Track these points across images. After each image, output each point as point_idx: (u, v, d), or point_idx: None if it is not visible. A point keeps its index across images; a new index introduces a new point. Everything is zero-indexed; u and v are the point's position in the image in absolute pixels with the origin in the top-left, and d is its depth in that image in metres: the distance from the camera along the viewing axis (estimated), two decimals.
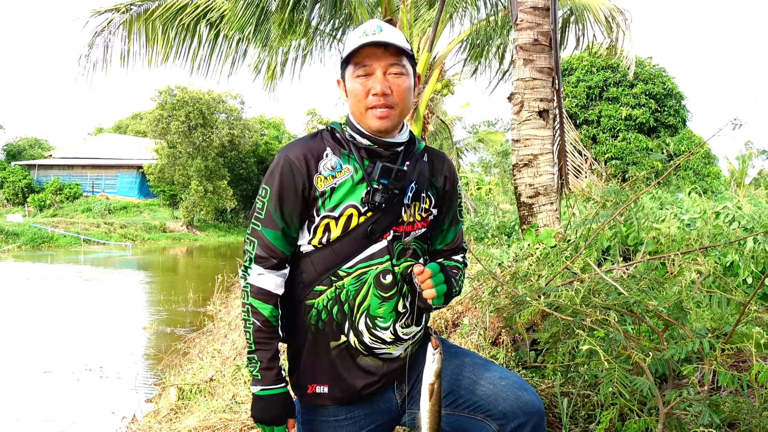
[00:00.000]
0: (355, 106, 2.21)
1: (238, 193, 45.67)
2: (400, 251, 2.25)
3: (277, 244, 2.20)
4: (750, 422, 2.62)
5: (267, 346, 2.21)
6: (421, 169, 2.32)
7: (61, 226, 35.64)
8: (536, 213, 6.13)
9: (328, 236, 2.18)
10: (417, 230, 2.31)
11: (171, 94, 40.76)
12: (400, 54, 2.18)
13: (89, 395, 7.38)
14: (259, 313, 2.20)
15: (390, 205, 2.20)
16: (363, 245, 2.20)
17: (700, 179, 29.02)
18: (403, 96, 2.19)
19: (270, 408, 2.21)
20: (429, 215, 2.35)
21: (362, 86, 2.17)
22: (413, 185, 2.26)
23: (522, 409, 2.18)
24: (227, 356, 7.19)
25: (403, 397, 2.35)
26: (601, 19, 11.44)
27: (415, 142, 2.38)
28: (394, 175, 2.19)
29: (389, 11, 10.29)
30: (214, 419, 4.28)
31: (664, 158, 27.20)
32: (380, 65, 2.16)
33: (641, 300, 2.70)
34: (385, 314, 2.20)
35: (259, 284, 2.20)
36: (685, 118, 30.78)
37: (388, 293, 2.20)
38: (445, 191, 2.42)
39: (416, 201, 2.29)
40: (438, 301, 2.18)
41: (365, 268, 2.19)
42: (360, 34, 2.15)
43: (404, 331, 2.26)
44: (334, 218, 2.18)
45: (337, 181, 2.18)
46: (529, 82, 6.17)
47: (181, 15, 10.98)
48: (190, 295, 13.93)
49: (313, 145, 2.23)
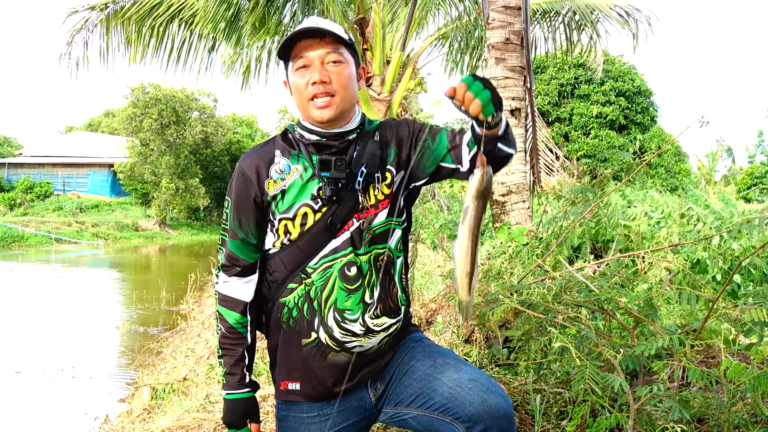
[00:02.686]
0: (298, 99, 2.22)
1: (211, 191, 45.40)
2: (364, 240, 2.24)
3: (238, 252, 2.26)
4: (719, 417, 2.66)
5: (231, 352, 2.29)
6: (372, 151, 2.27)
7: (31, 225, 35.20)
8: (509, 211, 6.16)
9: (289, 237, 2.22)
10: (380, 211, 2.28)
11: (144, 91, 40.46)
12: (337, 42, 2.18)
13: (61, 396, 7.31)
14: (225, 320, 2.29)
15: (342, 196, 2.20)
16: (325, 239, 2.21)
17: (671, 176, 29.32)
18: (343, 83, 2.18)
19: (230, 412, 2.28)
20: (392, 187, 2.30)
21: (302, 78, 2.18)
22: (363, 169, 2.23)
23: (487, 413, 2.18)
24: (201, 355, 7.16)
25: (377, 396, 2.36)
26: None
27: (366, 124, 2.35)
28: (333, 166, 2.18)
29: (362, 9, 10.28)
30: (188, 419, 4.26)
31: (632, 155, 27.45)
32: (317, 55, 2.16)
33: (612, 297, 2.73)
34: (352, 306, 2.21)
35: (224, 291, 2.30)
36: (654, 115, 31.08)
37: (353, 285, 2.21)
38: (405, 138, 2.33)
39: (371, 183, 2.26)
40: (489, 110, 1.86)
41: (330, 262, 2.21)
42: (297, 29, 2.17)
43: (375, 322, 2.25)
44: (290, 219, 2.20)
45: (287, 182, 2.21)
46: (501, 81, 6.20)
47: (154, 13, 10.94)
48: (163, 294, 13.84)
49: (265, 152, 2.26)
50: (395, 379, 2.37)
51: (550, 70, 30.53)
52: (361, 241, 2.23)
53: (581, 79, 30.04)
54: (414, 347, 2.43)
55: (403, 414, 2.35)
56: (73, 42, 11.16)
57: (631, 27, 10.67)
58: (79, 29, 11.10)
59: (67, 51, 11.22)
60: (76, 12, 11.07)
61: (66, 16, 11.07)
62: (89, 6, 11.02)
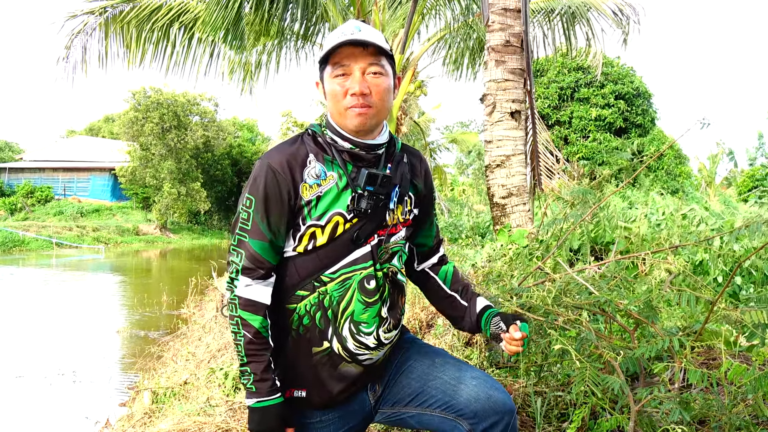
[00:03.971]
0: (334, 106, 2.18)
1: (212, 195, 45.42)
2: (382, 255, 2.25)
3: (264, 255, 2.15)
4: (720, 419, 2.66)
5: (260, 358, 2.16)
6: (403, 172, 2.32)
7: (32, 230, 35.20)
8: (509, 213, 6.17)
9: (314, 243, 2.16)
10: (399, 232, 2.31)
11: (145, 95, 40.49)
12: (379, 54, 2.16)
13: (62, 400, 7.31)
14: (250, 325, 2.15)
15: (375, 211, 2.20)
16: (347, 251, 2.18)
17: (672, 179, 29.31)
18: (381, 96, 2.17)
19: (267, 420, 2.16)
20: (411, 215, 2.37)
21: (341, 87, 2.15)
22: (397, 189, 2.27)
23: (493, 409, 2.19)
24: (201, 359, 7.15)
25: (376, 397, 2.36)
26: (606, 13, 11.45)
27: (395, 142, 2.38)
28: (379, 182, 2.18)
29: (362, 12, 10.30)
30: (189, 422, 4.26)
31: (630, 157, 27.45)
32: (359, 65, 2.13)
33: (612, 299, 2.72)
34: (369, 320, 2.20)
35: (247, 296, 2.16)
36: (653, 117, 31.06)
37: (371, 298, 2.19)
38: (426, 190, 2.45)
39: (400, 204, 2.30)
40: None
41: (349, 273, 2.18)
42: (339, 35, 2.13)
43: (386, 336, 2.26)
44: (320, 227, 2.15)
45: (323, 189, 2.16)
46: (501, 83, 6.21)
47: (154, 17, 10.96)
48: (164, 299, 13.82)
49: (296, 151, 2.20)
50: (392, 380, 2.38)
51: (549, 73, 30.54)
52: (379, 256, 2.23)
53: (581, 82, 30.04)
54: (409, 347, 2.46)
55: (401, 413, 2.36)
56: (71, 46, 11.18)
57: (622, 22, 10.72)
58: (78, 33, 11.13)
59: (66, 55, 11.25)
60: (74, 16, 11.11)
61: (65, 20, 11.12)
62: (88, 10, 11.04)
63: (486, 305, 2.43)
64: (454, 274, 2.56)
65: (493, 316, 2.36)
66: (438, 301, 2.57)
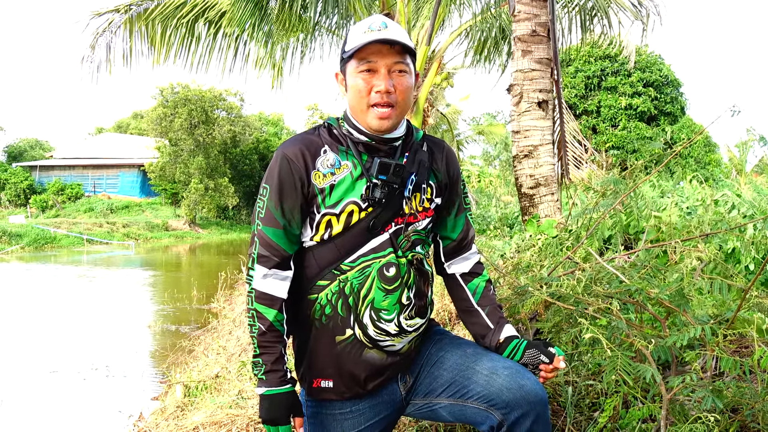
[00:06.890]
0: (356, 102, 2.20)
1: (240, 189, 45.69)
2: (402, 243, 2.26)
3: (279, 242, 2.19)
4: (753, 406, 2.63)
5: (271, 350, 2.21)
6: (420, 160, 2.33)
7: (63, 227, 35.59)
8: (537, 204, 6.14)
9: (330, 232, 2.19)
10: (420, 221, 2.32)
11: (173, 91, 40.76)
12: (404, 52, 2.18)
13: (95, 394, 7.39)
14: (264, 318, 2.20)
15: (390, 200, 2.21)
16: (365, 239, 2.21)
17: (702, 167, 29.02)
18: (405, 95, 2.20)
19: (274, 408, 2.21)
20: (432, 204, 2.37)
21: (365, 82, 2.17)
22: (413, 177, 2.27)
23: (525, 399, 2.19)
24: (232, 352, 7.20)
25: (407, 389, 2.37)
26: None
27: (413, 132, 2.39)
28: (392, 171, 2.19)
29: (387, 5, 10.28)
30: (221, 415, 4.30)
31: (663, 146, 27.22)
32: (385, 63, 2.15)
33: (643, 288, 2.71)
34: (389, 306, 2.21)
35: (262, 289, 2.21)
36: (683, 105, 30.78)
37: (392, 285, 2.21)
38: (449, 178, 2.44)
39: (417, 192, 2.30)
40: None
41: (368, 261, 2.20)
42: (365, 29, 2.14)
43: (408, 323, 2.27)
44: (335, 215, 2.18)
45: (336, 177, 2.19)
46: (528, 73, 6.18)
47: (179, 13, 11.01)
48: (194, 293, 13.91)
49: (310, 141, 2.24)
50: (425, 371, 2.39)
51: (575, 62, 30.35)
52: (398, 244, 2.24)
53: (608, 71, 29.84)
54: (440, 339, 2.46)
55: (433, 404, 2.36)
56: (96, 45, 11.25)
57: (640, 12, 10.56)
58: (103, 32, 11.19)
59: (90, 54, 11.32)
60: (99, 14, 11.18)
61: (89, 19, 11.19)
62: (113, 8, 11.11)
63: (512, 335, 2.40)
64: (485, 289, 2.52)
65: (526, 347, 2.35)
66: (461, 311, 2.56)
